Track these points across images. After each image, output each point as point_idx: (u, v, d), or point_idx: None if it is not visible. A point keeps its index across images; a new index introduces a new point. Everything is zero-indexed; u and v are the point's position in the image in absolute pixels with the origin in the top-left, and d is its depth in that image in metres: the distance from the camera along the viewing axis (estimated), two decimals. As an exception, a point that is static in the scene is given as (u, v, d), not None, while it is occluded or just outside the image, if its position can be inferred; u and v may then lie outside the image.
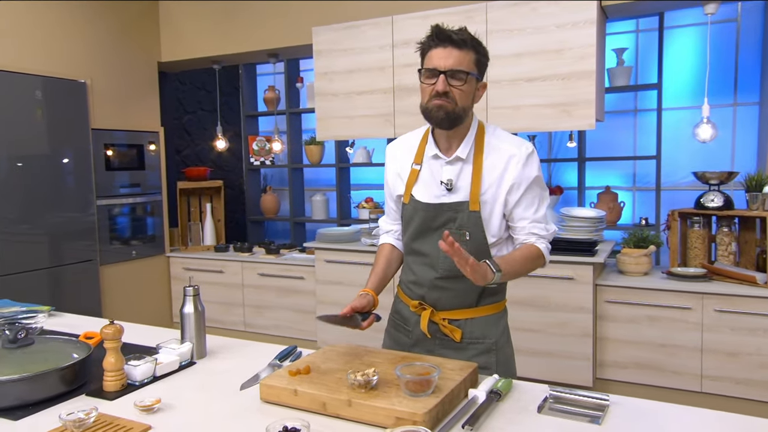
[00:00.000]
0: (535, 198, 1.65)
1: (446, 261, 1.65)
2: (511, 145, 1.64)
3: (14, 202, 3.57)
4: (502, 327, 1.77)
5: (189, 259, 4.57)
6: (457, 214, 1.64)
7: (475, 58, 1.58)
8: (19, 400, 1.38)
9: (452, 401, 1.35)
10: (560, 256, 3.28)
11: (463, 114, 1.59)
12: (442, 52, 1.56)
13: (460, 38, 1.56)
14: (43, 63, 3.77)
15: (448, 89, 1.55)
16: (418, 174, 1.70)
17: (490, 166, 1.63)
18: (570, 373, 3.32)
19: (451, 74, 1.54)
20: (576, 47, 3.26)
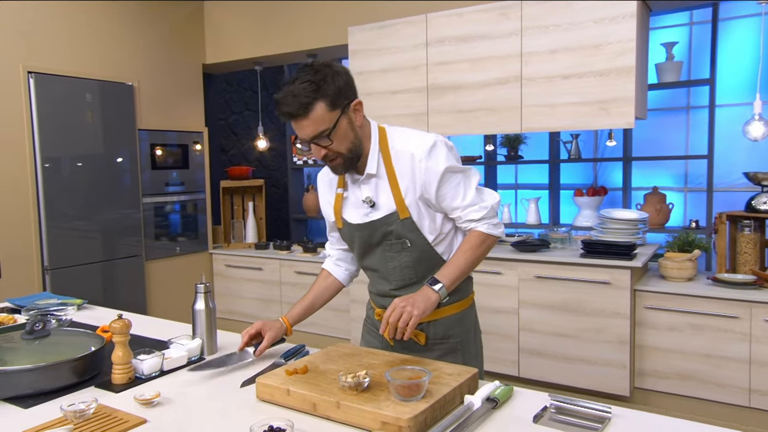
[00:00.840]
0: (458, 185, 1.60)
1: (395, 272, 1.67)
2: (411, 144, 1.59)
3: (75, 199, 3.80)
4: (468, 324, 1.76)
5: (230, 256, 4.70)
6: (390, 226, 1.62)
7: (327, 103, 1.46)
8: (32, 389, 1.45)
9: (445, 407, 1.32)
10: (596, 259, 3.16)
11: (354, 153, 1.56)
12: (296, 125, 1.51)
13: (298, 106, 1.44)
14: (95, 67, 3.96)
15: (325, 152, 1.53)
16: (343, 198, 1.70)
17: (401, 171, 1.59)
18: (606, 382, 3.19)
19: (315, 141, 1.50)
20: (615, 42, 3.13)
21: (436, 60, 3.67)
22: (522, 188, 5.01)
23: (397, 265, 1.66)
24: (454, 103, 3.63)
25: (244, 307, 4.67)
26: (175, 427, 1.30)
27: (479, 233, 1.62)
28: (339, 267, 1.86)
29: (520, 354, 3.42)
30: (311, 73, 1.47)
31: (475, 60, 3.54)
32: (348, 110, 1.52)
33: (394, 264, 1.66)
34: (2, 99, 3.47)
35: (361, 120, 1.57)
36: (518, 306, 3.41)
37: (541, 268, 3.32)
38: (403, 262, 1.65)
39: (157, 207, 4.38)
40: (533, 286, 3.35)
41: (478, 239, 1.62)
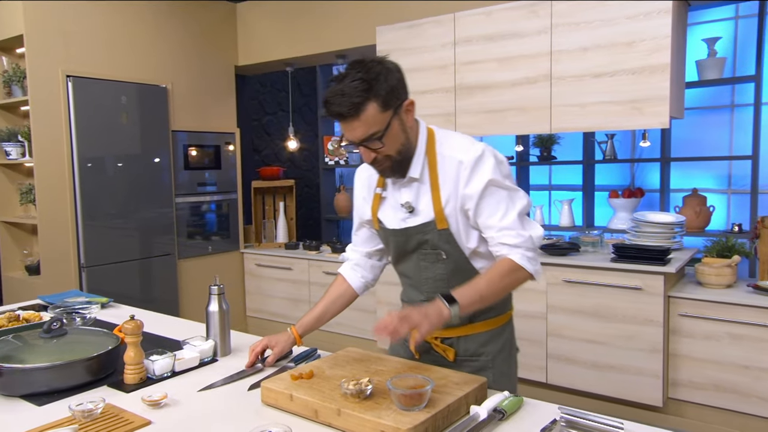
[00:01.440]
0: (499, 203, 1.47)
1: (427, 283, 1.59)
2: (459, 150, 1.49)
3: (109, 199, 3.91)
4: (502, 343, 1.64)
5: (261, 255, 4.75)
6: (426, 235, 1.54)
7: (379, 104, 1.38)
8: (47, 387, 1.48)
9: (449, 416, 1.29)
10: (627, 263, 3.06)
11: (404, 156, 1.49)
12: (345, 126, 1.42)
13: (349, 106, 1.36)
14: (130, 70, 4.06)
15: (374, 155, 1.45)
16: (381, 198, 1.63)
17: (445, 178, 1.50)
18: (637, 391, 3.08)
19: (365, 144, 1.43)
20: (648, 39, 3.01)
21: (464, 59, 3.61)
22: (555, 189, 4.90)
23: (431, 276, 1.58)
24: (483, 103, 3.56)
25: (274, 307, 4.72)
26: (178, 429, 1.30)
27: (511, 262, 1.45)
28: (355, 273, 1.78)
29: (548, 360, 3.34)
30: (363, 71, 1.37)
31: (503, 59, 3.47)
32: (400, 111, 1.44)
33: (427, 274, 1.58)
34: (43, 102, 3.59)
35: (412, 120, 1.50)
36: (546, 311, 3.33)
37: (570, 272, 3.23)
38: (437, 274, 1.57)
39: (189, 207, 4.47)
40: (562, 290, 3.26)
41: (508, 268, 1.45)
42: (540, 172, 4.93)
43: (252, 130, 5.51)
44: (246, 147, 5.29)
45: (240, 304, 4.89)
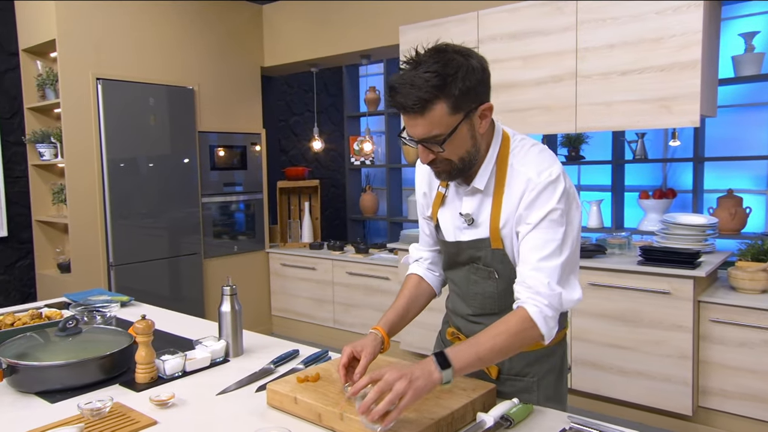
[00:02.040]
0: (549, 243, 1.29)
1: (476, 299, 1.48)
2: (532, 168, 1.33)
3: (137, 199, 3.98)
4: (552, 363, 1.49)
5: (286, 255, 4.78)
6: (479, 252, 1.42)
7: (449, 105, 1.23)
8: (60, 385, 1.51)
9: (453, 423, 1.27)
10: (655, 267, 2.96)
11: (466, 164, 1.34)
12: (407, 120, 1.27)
13: (415, 101, 1.21)
14: (157, 72, 4.14)
15: (432, 156, 1.31)
16: (443, 198, 1.50)
17: (510, 194, 1.35)
18: (666, 399, 2.98)
19: (426, 143, 1.28)
20: (678, 35, 2.91)
21: (488, 58, 3.49)
22: (584, 190, 4.79)
23: (480, 292, 1.46)
24: (507, 102, 3.50)
25: (299, 306, 4.74)
26: (183, 429, 1.31)
27: (525, 316, 1.26)
28: (431, 272, 1.63)
29: (573, 365, 3.26)
30: (441, 62, 1.22)
31: (528, 57, 3.41)
32: (473, 115, 1.28)
33: (476, 290, 1.47)
34: (74, 105, 3.69)
35: (486, 127, 1.33)
36: (570, 314, 3.25)
37: (595, 275, 3.15)
38: (486, 291, 1.45)
39: (216, 206, 4.53)
40: (586, 293, 3.18)
41: (520, 323, 1.26)
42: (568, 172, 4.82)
43: (279, 130, 5.56)
44: (273, 147, 5.33)
45: (265, 303, 4.93)
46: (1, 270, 3.91)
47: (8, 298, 3.93)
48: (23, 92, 3.94)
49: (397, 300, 1.58)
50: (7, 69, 3.89)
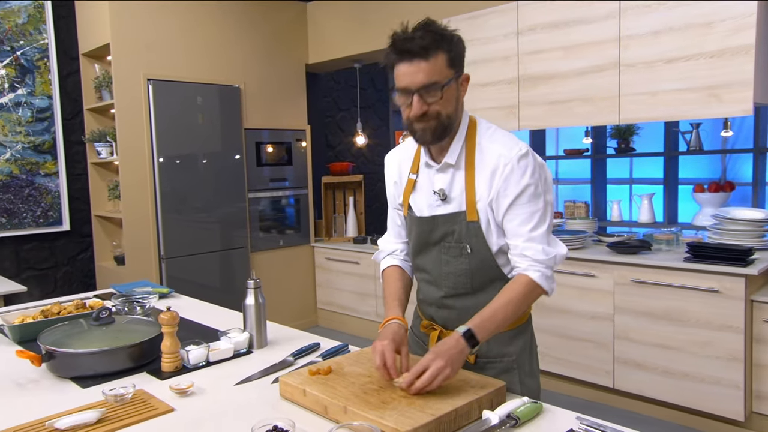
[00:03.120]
0: (534, 214, 1.43)
1: (449, 279, 1.53)
2: (502, 145, 1.44)
3: (186, 195, 4.15)
4: (524, 341, 1.58)
5: (330, 249, 4.85)
6: (454, 225, 1.49)
7: (447, 58, 1.36)
8: (92, 371, 1.59)
9: (457, 420, 1.26)
10: (703, 264, 2.82)
11: (450, 123, 1.43)
12: (408, 68, 1.36)
13: (423, 45, 1.33)
14: (205, 72, 4.28)
15: (425, 109, 1.38)
16: (415, 184, 1.57)
17: (481, 169, 1.45)
18: (715, 402, 2.84)
19: (424, 91, 1.36)
20: (729, 19, 2.75)
21: (528, 49, 3.48)
22: (637, 183, 4.61)
23: (452, 271, 1.52)
24: (547, 93, 3.41)
25: (342, 300, 4.81)
26: (197, 417, 1.35)
27: (529, 280, 1.42)
28: (407, 263, 1.69)
29: (615, 364, 3.16)
30: (436, 28, 1.38)
31: (568, 47, 3.31)
32: (460, 78, 1.43)
33: (449, 269, 1.53)
34: (127, 105, 3.87)
35: (465, 94, 1.47)
36: (613, 312, 3.14)
37: (639, 272, 3.03)
38: (459, 269, 1.51)
39: (262, 202, 4.65)
40: (630, 291, 3.07)
41: (526, 288, 1.42)
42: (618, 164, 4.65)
43: (326, 126, 5.63)
44: (319, 143, 5.41)
45: (311, 296, 5.03)
46: (65, 262, 4.17)
47: (71, 288, 4.18)
48: (83, 94, 4.18)
49: (395, 290, 1.62)
50: (69, 73, 4.13)
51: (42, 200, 3.99)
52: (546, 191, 1.46)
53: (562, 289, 3.31)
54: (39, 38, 3.94)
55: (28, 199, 3.93)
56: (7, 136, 3.83)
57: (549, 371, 3.45)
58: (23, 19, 3.86)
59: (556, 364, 3.41)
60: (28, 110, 3.91)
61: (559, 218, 4.05)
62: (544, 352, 3.44)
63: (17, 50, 3.85)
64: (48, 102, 3.99)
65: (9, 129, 3.83)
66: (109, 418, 1.31)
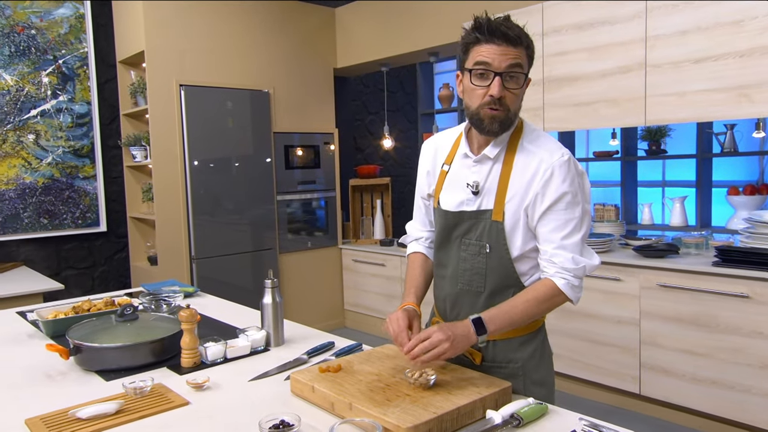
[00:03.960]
0: (569, 222, 1.42)
1: (464, 275, 1.53)
2: (544, 149, 1.44)
3: (216, 197, 4.26)
4: (533, 349, 1.55)
5: (357, 251, 4.90)
6: (478, 223, 1.49)
7: (527, 54, 1.41)
8: (116, 365, 1.66)
9: (459, 419, 1.27)
10: (732, 268, 2.75)
11: (513, 119, 1.45)
12: (495, 50, 1.36)
13: (516, 34, 1.37)
14: (235, 77, 4.39)
15: (503, 94, 1.38)
16: (446, 176, 1.57)
17: (520, 170, 1.44)
18: (746, 411, 2.77)
19: (509, 75, 1.37)
20: (761, 16, 2.68)
21: (553, 51, 3.45)
22: (669, 186, 4.51)
23: (469, 268, 1.52)
24: (572, 95, 3.38)
25: (369, 301, 4.85)
26: (210, 411, 1.40)
27: (553, 285, 1.42)
28: (431, 250, 1.69)
29: (641, 370, 3.10)
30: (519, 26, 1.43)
31: (593, 48, 3.27)
32: (528, 80, 1.46)
33: (466, 266, 1.53)
34: (160, 110, 4.01)
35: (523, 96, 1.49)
36: (639, 317, 3.09)
37: (665, 276, 2.97)
38: (475, 267, 1.51)
39: (290, 204, 4.73)
40: (656, 295, 3.01)
41: (550, 292, 1.42)
42: (649, 167, 4.56)
43: (354, 129, 5.69)
44: (348, 146, 5.48)
45: (338, 297, 5.09)
46: (102, 262, 4.33)
47: (108, 287, 4.34)
48: (120, 100, 4.34)
49: (414, 277, 1.66)
50: (107, 80, 4.30)
51: (81, 202, 4.15)
52: (584, 200, 1.45)
53: (587, 293, 3.27)
54: (79, 47, 4.11)
55: (68, 201, 4.10)
56: (49, 141, 4.01)
57: (574, 375, 3.41)
58: (65, 29, 4.04)
59: (581, 368, 3.37)
60: (69, 116, 4.08)
61: (587, 221, 3.99)
62: (569, 357, 3.40)
63: (59, 59, 4.03)
64: (87, 108, 4.16)
65: (51, 134, 4.01)
66: (128, 409, 1.37)
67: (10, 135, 3.86)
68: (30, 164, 3.94)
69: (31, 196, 3.96)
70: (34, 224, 3.97)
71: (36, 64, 3.94)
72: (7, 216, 3.86)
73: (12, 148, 3.87)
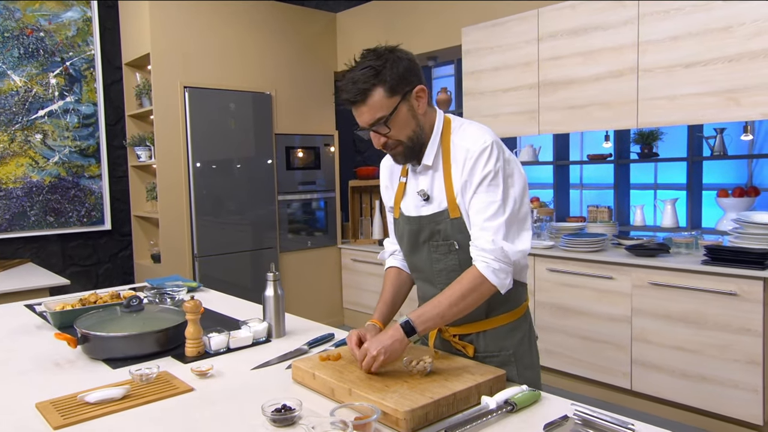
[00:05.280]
0: (491, 204, 1.45)
1: (441, 275, 1.58)
2: (468, 140, 1.49)
3: (219, 197, 4.34)
4: (521, 335, 1.62)
5: (356, 251, 4.98)
6: (439, 225, 1.55)
7: (385, 89, 1.42)
8: (122, 354, 1.73)
9: (455, 404, 1.31)
10: (721, 267, 2.83)
11: (416, 142, 1.51)
12: (355, 112, 1.47)
13: (356, 92, 1.42)
14: (238, 79, 4.48)
15: (384, 140, 1.49)
16: (405, 187, 1.64)
17: (456, 167, 1.51)
18: (733, 406, 2.84)
19: (373, 128, 1.46)
20: (749, 22, 2.76)
21: (548, 55, 3.54)
22: (661, 188, 4.59)
23: (444, 268, 1.57)
24: (566, 98, 3.47)
25: (368, 300, 4.92)
26: (214, 397, 1.45)
27: (475, 273, 1.44)
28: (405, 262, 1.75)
29: (632, 366, 3.18)
30: (372, 58, 1.43)
31: (587, 53, 3.35)
32: (409, 97, 1.47)
33: (440, 266, 1.58)
34: (165, 111, 4.09)
35: (424, 108, 1.51)
36: (631, 314, 3.16)
37: (657, 275, 3.05)
38: (449, 265, 1.56)
39: (291, 204, 4.81)
40: (648, 293, 3.09)
41: (472, 282, 1.44)
42: (641, 169, 4.64)
43: (354, 132, 5.77)
44: (347, 148, 5.56)
45: (337, 296, 5.16)
46: (106, 259, 4.41)
47: (111, 284, 4.42)
48: (125, 101, 4.42)
49: (384, 293, 1.74)
50: (113, 81, 4.38)
51: (86, 201, 4.23)
52: (508, 184, 1.47)
53: (580, 291, 3.35)
54: (86, 49, 4.20)
55: (74, 199, 4.18)
56: (56, 141, 4.09)
57: (566, 372, 3.49)
58: (73, 32, 4.13)
59: (573, 364, 3.44)
60: (75, 117, 4.17)
61: (582, 222, 4.07)
62: (562, 353, 3.47)
63: (66, 61, 4.12)
64: (93, 109, 4.24)
65: (58, 134, 4.10)
66: (134, 395, 1.43)
67: (18, 135, 3.95)
68: (37, 163, 4.03)
69: (38, 194, 4.04)
70: (40, 222, 4.05)
71: (44, 66, 4.02)
72: (14, 214, 3.94)
73: (20, 147, 3.96)
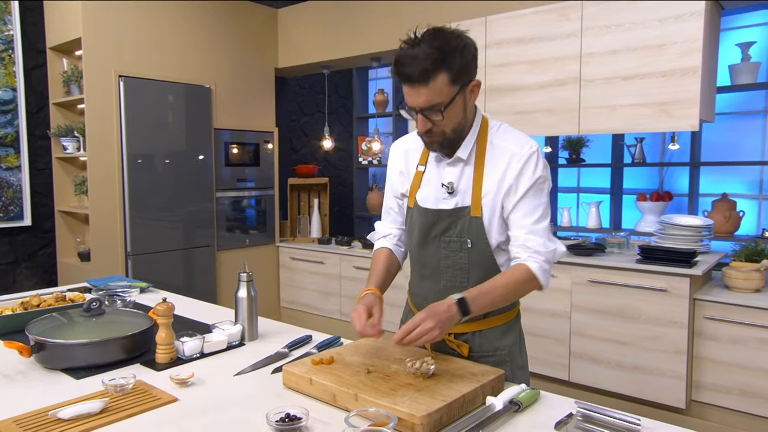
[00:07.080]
0: (538, 207, 1.48)
1: (447, 272, 1.57)
2: (514, 143, 1.49)
3: (154, 193, 4.13)
4: (515, 335, 1.64)
5: (295, 249, 4.92)
6: (457, 220, 1.53)
7: (449, 76, 1.36)
8: (84, 362, 1.58)
9: (464, 406, 1.30)
10: (653, 265, 3.06)
11: (457, 134, 1.49)
12: (410, 91, 1.39)
13: (423, 68, 1.34)
14: (176, 71, 4.28)
15: (430, 126, 1.44)
16: (422, 176, 1.60)
17: (492, 166, 1.50)
18: (660, 392, 3.09)
19: (426, 113, 1.41)
20: (680, 42, 3.01)
21: (495, 62, 3.67)
22: (584, 192, 4.89)
23: (451, 265, 1.55)
24: (512, 104, 3.61)
25: (306, 298, 4.88)
26: (202, 407, 1.36)
27: (529, 271, 1.46)
28: (399, 248, 1.75)
29: (571, 358, 3.37)
30: (440, 40, 1.36)
31: (533, 62, 3.51)
32: (466, 89, 1.43)
33: (448, 263, 1.56)
34: (97, 101, 3.83)
35: (474, 100, 1.50)
36: (570, 310, 3.36)
37: (595, 273, 3.26)
38: (458, 263, 1.54)
39: (229, 201, 4.67)
40: (586, 290, 3.29)
41: (526, 276, 1.46)
42: (568, 174, 4.93)
43: (290, 130, 5.69)
44: (284, 146, 5.47)
45: (274, 294, 5.08)
46: (25, 257, 4.07)
47: (32, 284, 4.08)
48: (49, 88, 4.10)
49: (377, 267, 1.68)
50: (35, 66, 4.05)
51: (2, 194, 3.89)
52: (548, 189, 1.52)
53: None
54: (4, 29, 3.85)
55: (-12, 193, 3.83)
56: (-33, 129, 3.73)
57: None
58: (-14, 10, 3.77)
59: (515, 360, 3.59)
60: (-10, 102, 3.82)
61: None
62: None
63: (-22, 41, 3.76)
64: (12, 94, 3.90)
65: (-32, 121, 3.73)
66: (113, 408, 1.32)
67: (-76, 121, 3.56)
68: (-54, 153, 3.65)
69: (-53, 187, 3.66)
70: (-51, 218, 3.68)
71: (-45, 46, 3.65)
72: None
73: (-74, 135, 3.57)
